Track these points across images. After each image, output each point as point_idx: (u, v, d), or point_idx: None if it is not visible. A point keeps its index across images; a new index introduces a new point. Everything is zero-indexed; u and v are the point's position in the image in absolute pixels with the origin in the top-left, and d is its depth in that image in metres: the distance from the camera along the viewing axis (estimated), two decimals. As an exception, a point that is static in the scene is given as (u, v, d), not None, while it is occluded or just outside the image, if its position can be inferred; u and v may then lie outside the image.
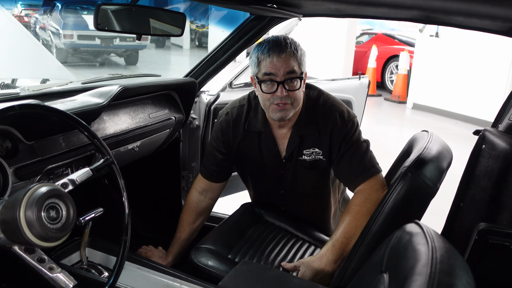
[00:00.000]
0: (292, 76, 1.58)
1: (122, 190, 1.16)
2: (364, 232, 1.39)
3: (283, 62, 1.56)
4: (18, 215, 0.92)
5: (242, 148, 1.81)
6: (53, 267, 1.02)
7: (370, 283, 0.91)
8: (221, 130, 1.82)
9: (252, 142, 1.79)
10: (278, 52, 1.56)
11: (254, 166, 1.85)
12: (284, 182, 1.83)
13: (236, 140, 1.80)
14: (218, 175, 1.88)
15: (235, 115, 1.80)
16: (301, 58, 1.61)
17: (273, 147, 1.76)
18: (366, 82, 3.07)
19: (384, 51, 9.94)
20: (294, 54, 1.58)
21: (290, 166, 1.77)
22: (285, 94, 1.58)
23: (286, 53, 1.57)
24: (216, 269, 1.59)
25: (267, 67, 1.58)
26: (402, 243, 0.86)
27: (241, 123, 1.79)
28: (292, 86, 1.59)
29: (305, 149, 1.72)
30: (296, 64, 1.59)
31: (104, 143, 1.16)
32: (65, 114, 1.09)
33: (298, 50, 1.60)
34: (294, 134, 1.71)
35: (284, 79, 1.57)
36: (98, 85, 1.78)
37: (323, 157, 1.72)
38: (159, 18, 1.42)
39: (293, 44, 1.60)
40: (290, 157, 1.75)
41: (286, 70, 1.57)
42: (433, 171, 1.35)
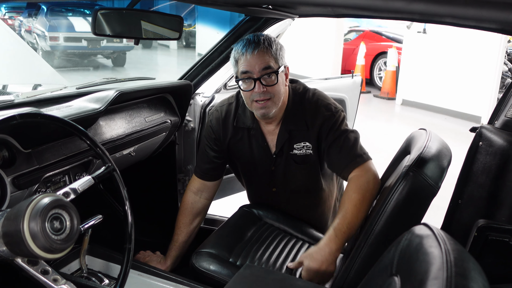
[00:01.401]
0: (268, 72, 1.60)
1: (125, 199, 1.15)
2: (367, 233, 1.39)
3: (257, 58, 1.59)
4: (22, 227, 0.91)
5: (233, 145, 1.83)
6: (57, 278, 1.00)
7: (381, 286, 0.91)
8: (211, 127, 1.85)
9: (242, 138, 1.81)
10: (251, 49, 1.59)
11: (245, 163, 1.87)
12: (275, 179, 1.83)
13: (227, 137, 1.82)
14: (212, 173, 1.89)
15: (224, 112, 1.83)
16: (277, 52, 1.63)
17: (263, 142, 1.78)
18: (359, 80, 3.07)
19: (372, 48, 10.00)
20: (268, 50, 1.60)
21: (281, 162, 1.79)
22: (263, 90, 1.61)
23: (259, 50, 1.59)
24: (218, 273, 1.58)
25: (243, 65, 1.61)
26: (413, 246, 0.86)
27: (230, 120, 1.81)
28: (269, 81, 1.61)
29: (295, 143, 1.75)
30: (272, 59, 1.61)
31: (105, 150, 1.14)
32: (66, 122, 1.07)
33: (272, 45, 1.62)
34: (283, 129, 1.74)
35: (261, 75, 1.60)
36: (93, 90, 1.75)
37: (312, 151, 1.74)
38: (156, 22, 1.40)
39: (267, 40, 1.62)
40: (280, 152, 1.77)
41: (261, 66, 1.60)
42: (434, 170, 1.35)
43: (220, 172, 1.92)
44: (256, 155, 1.81)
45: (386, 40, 10.69)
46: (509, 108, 1.71)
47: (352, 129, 1.72)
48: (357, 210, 1.55)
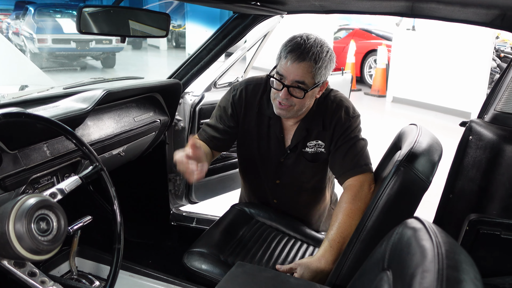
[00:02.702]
0: (299, 86, 1.55)
1: (113, 198, 1.13)
2: (359, 228, 1.38)
3: (296, 70, 1.53)
4: (7, 229, 0.89)
5: (249, 128, 1.80)
6: (45, 280, 0.98)
7: (373, 281, 0.90)
8: (233, 103, 1.79)
9: (261, 125, 1.78)
10: (295, 58, 1.52)
11: (256, 149, 1.82)
12: (281, 171, 1.82)
13: (246, 118, 1.79)
14: (214, 142, 1.81)
15: (250, 92, 1.78)
16: (320, 70, 1.55)
17: (279, 134, 1.76)
18: (349, 77, 3.08)
19: (362, 46, 10.03)
20: (310, 65, 1.53)
21: (292, 156, 1.77)
22: (287, 98, 1.57)
23: (302, 63, 1.53)
24: (210, 272, 1.56)
25: (281, 67, 1.56)
26: (404, 240, 0.85)
27: (255, 103, 1.77)
28: (296, 93, 1.57)
29: (309, 141, 1.73)
30: (310, 75, 1.54)
31: (92, 150, 1.12)
32: (51, 121, 1.05)
33: (319, 60, 1.54)
34: (301, 126, 1.72)
35: (290, 84, 1.55)
36: (80, 90, 1.73)
37: (324, 149, 1.73)
38: (142, 19, 1.38)
39: (317, 54, 1.54)
40: (294, 147, 1.76)
41: (295, 78, 1.54)
42: (425, 164, 1.35)
43: (222, 146, 1.85)
44: (270, 144, 1.80)
45: (376, 38, 10.73)
46: (498, 101, 1.72)
47: (363, 137, 1.72)
48: (351, 220, 1.55)
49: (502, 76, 1.75)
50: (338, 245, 1.54)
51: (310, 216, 1.96)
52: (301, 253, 1.77)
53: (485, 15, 1.52)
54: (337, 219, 1.58)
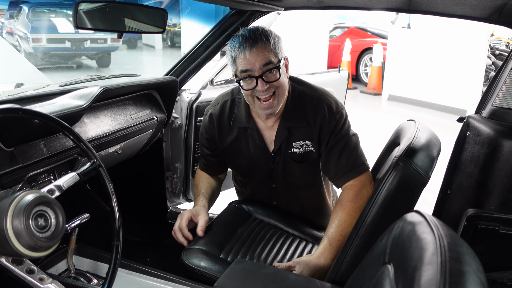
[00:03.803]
0: (270, 67, 1.53)
1: (111, 194, 1.12)
2: (358, 224, 1.38)
3: (257, 55, 1.52)
4: (5, 225, 0.88)
5: (229, 145, 1.78)
6: (43, 277, 0.97)
7: (374, 275, 0.90)
8: (205, 128, 1.82)
9: (239, 138, 1.76)
10: (249, 47, 1.51)
11: (243, 162, 1.81)
12: (275, 176, 1.80)
13: (222, 137, 1.78)
14: (210, 169, 1.91)
15: (219, 112, 1.78)
16: (276, 45, 1.56)
17: (260, 141, 1.73)
18: (346, 74, 3.08)
19: (357, 44, 10.04)
20: (266, 45, 1.53)
21: (280, 160, 1.74)
22: (266, 87, 1.54)
23: (258, 46, 1.52)
24: (209, 269, 1.55)
25: (242, 63, 1.54)
26: (405, 233, 0.85)
27: (225, 120, 1.76)
28: (272, 77, 1.55)
29: (294, 141, 1.69)
30: (271, 53, 1.54)
31: (90, 146, 1.11)
32: (49, 117, 1.04)
33: (270, 38, 1.55)
34: (282, 126, 1.68)
35: (262, 72, 1.53)
36: (77, 87, 1.72)
37: (313, 148, 1.69)
38: (139, 15, 1.38)
39: (263, 34, 1.54)
40: (278, 150, 1.72)
41: (261, 63, 1.52)
42: (424, 159, 1.35)
43: (219, 169, 1.93)
44: (254, 155, 1.77)
45: (371, 36, 10.75)
46: (495, 97, 1.72)
47: (353, 132, 1.69)
48: (352, 218, 1.54)
49: (499, 72, 1.76)
50: (338, 243, 1.53)
51: (311, 212, 1.95)
52: (299, 250, 1.77)
53: (483, 10, 1.52)
54: (337, 217, 1.57)
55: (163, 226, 2.34)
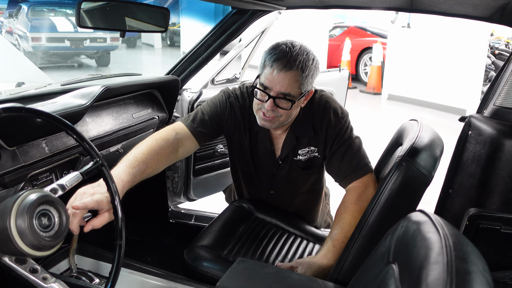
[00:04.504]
0: (286, 97, 1.49)
1: (114, 194, 1.11)
2: (361, 224, 1.38)
3: (283, 79, 1.46)
4: (9, 224, 0.87)
5: (236, 141, 1.75)
6: (46, 277, 0.97)
7: (378, 275, 0.90)
8: (218, 108, 1.66)
9: (251, 138, 1.73)
10: (281, 68, 1.45)
11: (247, 163, 1.80)
12: (275, 182, 1.80)
13: (232, 128, 1.70)
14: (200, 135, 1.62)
15: (240, 104, 1.68)
16: (307, 79, 1.49)
17: (270, 146, 1.72)
18: (347, 74, 3.08)
19: (357, 44, 10.04)
20: (297, 75, 1.46)
21: (285, 166, 1.74)
22: (273, 109, 1.50)
23: (289, 72, 1.45)
24: (211, 269, 1.55)
25: (266, 77, 1.48)
26: (409, 233, 0.85)
27: (240, 117, 1.69)
28: (283, 105, 1.50)
29: (300, 149, 1.69)
30: (296, 85, 1.47)
31: (93, 145, 1.11)
32: (51, 116, 1.04)
33: (305, 69, 1.47)
34: (291, 135, 1.67)
35: (276, 96, 1.48)
36: (78, 86, 1.72)
37: (318, 154, 1.69)
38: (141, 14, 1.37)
39: (303, 62, 1.46)
40: (286, 157, 1.71)
41: (281, 89, 1.47)
42: (427, 159, 1.35)
43: (210, 138, 1.69)
44: (260, 157, 1.75)
45: (371, 35, 10.75)
46: (497, 96, 1.72)
47: (356, 135, 1.68)
48: (355, 220, 1.53)
49: (501, 71, 1.76)
50: (342, 244, 1.52)
51: (309, 212, 1.96)
52: (301, 249, 1.77)
53: (485, 9, 1.52)
54: (341, 219, 1.57)
55: (164, 226, 2.34)
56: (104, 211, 1.14)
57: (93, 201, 1.10)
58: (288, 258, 1.70)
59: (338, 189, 1.77)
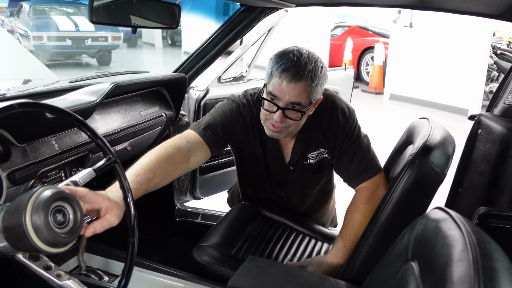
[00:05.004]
0: (295, 108, 1.45)
1: (127, 190, 1.11)
2: (372, 222, 1.37)
3: (292, 90, 1.41)
4: (24, 221, 0.86)
5: (247, 150, 1.71)
6: (60, 274, 0.96)
7: (396, 273, 0.89)
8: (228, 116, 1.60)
9: (259, 145, 1.70)
10: (291, 77, 1.40)
11: (258, 170, 1.77)
12: (286, 186, 1.79)
13: (243, 138, 1.67)
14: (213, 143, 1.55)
15: (249, 113, 1.65)
16: (316, 87, 1.45)
17: (279, 153, 1.70)
18: (352, 73, 3.08)
19: (359, 43, 10.03)
20: (307, 84, 1.42)
21: (295, 171, 1.72)
22: (281, 120, 1.46)
23: (298, 82, 1.41)
24: (221, 267, 1.54)
25: (274, 87, 1.44)
26: (429, 230, 0.84)
27: (250, 126, 1.66)
28: (292, 115, 1.47)
29: (310, 152, 1.67)
30: (305, 95, 1.43)
31: (106, 142, 1.10)
32: (66, 112, 1.03)
33: (315, 78, 1.43)
34: (300, 139, 1.64)
35: (285, 106, 1.44)
36: (86, 83, 1.71)
37: (327, 155, 1.67)
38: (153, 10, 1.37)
39: (312, 71, 1.42)
40: (296, 163, 1.70)
41: (290, 99, 1.43)
42: (440, 157, 1.34)
43: (221, 146, 1.62)
44: (269, 164, 1.73)
45: (372, 35, 10.74)
46: (508, 95, 1.71)
47: (364, 134, 1.66)
48: (366, 220, 1.52)
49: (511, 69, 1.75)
50: (352, 244, 1.51)
51: (318, 212, 1.95)
52: (309, 248, 1.76)
53: (496, 7, 1.51)
54: (351, 219, 1.56)
55: (171, 224, 2.33)
56: (105, 213, 1.04)
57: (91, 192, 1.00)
58: (297, 257, 1.70)
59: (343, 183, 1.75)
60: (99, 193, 1.03)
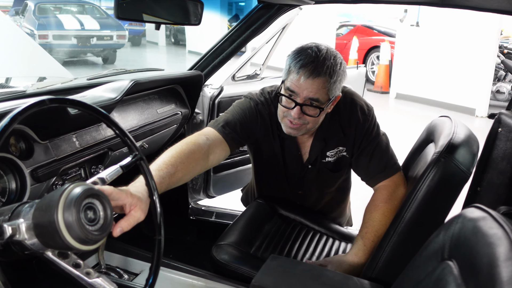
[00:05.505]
0: (314, 104, 1.44)
1: (153, 189, 1.10)
2: (396, 221, 1.36)
3: (310, 86, 1.40)
4: (56, 218, 0.85)
5: (266, 148, 1.70)
6: (90, 271, 0.95)
7: (432, 273, 0.87)
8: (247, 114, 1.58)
9: (278, 143, 1.68)
10: (309, 73, 1.39)
11: (276, 169, 1.75)
12: (303, 184, 1.77)
13: (262, 136, 1.65)
14: (233, 140, 1.53)
15: (268, 111, 1.63)
16: (334, 84, 1.43)
17: (297, 152, 1.68)
18: (364, 71, 3.06)
19: (364, 43, 10.01)
20: (326, 80, 1.40)
21: (313, 170, 1.70)
22: (299, 116, 1.45)
23: (317, 78, 1.39)
24: (241, 266, 1.53)
25: (292, 82, 1.43)
26: (468, 229, 0.83)
27: (269, 124, 1.64)
28: (310, 112, 1.45)
29: (328, 150, 1.65)
30: (324, 91, 1.41)
31: (133, 139, 1.09)
32: (94, 109, 1.02)
33: (334, 75, 1.41)
34: (318, 138, 1.63)
35: (303, 102, 1.43)
36: (104, 80, 1.70)
37: (346, 153, 1.66)
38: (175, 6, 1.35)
39: (331, 67, 1.40)
40: (314, 161, 1.68)
41: (308, 95, 1.42)
42: (465, 155, 1.32)
43: (240, 144, 1.60)
44: (288, 163, 1.72)
45: (378, 34, 10.72)
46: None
47: (383, 132, 1.64)
48: (386, 219, 1.51)
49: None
50: (372, 244, 1.50)
51: (333, 212, 1.94)
52: (327, 247, 1.75)
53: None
54: (371, 217, 1.54)
55: (185, 223, 2.32)
56: (129, 210, 1.03)
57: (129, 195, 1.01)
58: (315, 256, 1.68)
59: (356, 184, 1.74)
60: (122, 190, 1.02)
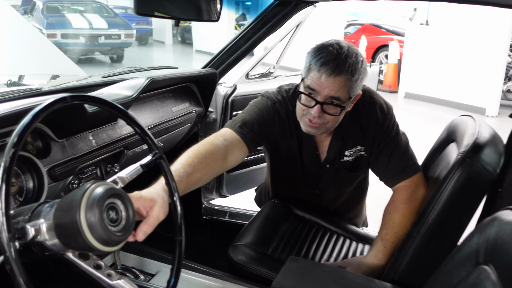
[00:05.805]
0: (335, 102, 1.41)
1: (173, 190, 1.08)
2: (419, 222, 1.33)
3: (331, 84, 1.37)
4: (79, 218, 0.83)
5: (283, 147, 1.67)
6: (111, 273, 0.92)
7: (466, 277, 0.85)
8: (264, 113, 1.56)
9: (296, 142, 1.65)
10: (330, 71, 1.36)
11: (294, 168, 1.72)
12: (320, 184, 1.74)
13: (280, 135, 1.63)
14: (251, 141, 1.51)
15: (285, 109, 1.60)
16: (356, 82, 1.40)
17: (314, 151, 1.65)
18: (377, 69, 3.04)
19: (372, 41, 9.95)
20: (347, 79, 1.38)
21: (331, 169, 1.67)
22: (319, 115, 1.42)
23: (338, 76, 1.37)
24: (259, 267, 1.50)
25: (312, 80, 1.40)
26: (505, 232, 0.80)
27: (286, 121, 1.61)
28: (331, 110, 1.42)
29: (346, 150, 1.62)
30: (345, 89, 1.39)
31: (153, 138, 1.07)
32: (117, 107, 1.00)
33: (355, 73, 1.38)
34: (337, 137, 1.60)
35: (324, 100, 1.40)
36: (119, 78, 1.68)
37: (364, 152, 1.62)
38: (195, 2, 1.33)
39: (353, 65, 1.38)
40: (332, 160, 1.65)
41: (330, 93, 1.39)
42: (491, 155, 1.29)
43: (258, 144, 1.57)
44: (305, 162, 1.69)
45: (386, 33, 10.67)
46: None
47: (402, 131, 1.61)
48: (406, 220, 1.47)
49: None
50: (392, 245, 1.47)
51: (350, 212, 1.91)
52: (345, 248, 1.72)
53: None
54: (391, 219, 1.51)
55: (198, 222, 2.30)
56: (146, 213, 1.02)
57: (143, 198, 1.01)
58: (333, 257, 1.66)
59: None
60: (131, 195, 0.97)
